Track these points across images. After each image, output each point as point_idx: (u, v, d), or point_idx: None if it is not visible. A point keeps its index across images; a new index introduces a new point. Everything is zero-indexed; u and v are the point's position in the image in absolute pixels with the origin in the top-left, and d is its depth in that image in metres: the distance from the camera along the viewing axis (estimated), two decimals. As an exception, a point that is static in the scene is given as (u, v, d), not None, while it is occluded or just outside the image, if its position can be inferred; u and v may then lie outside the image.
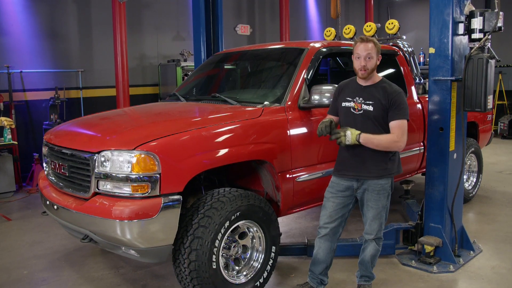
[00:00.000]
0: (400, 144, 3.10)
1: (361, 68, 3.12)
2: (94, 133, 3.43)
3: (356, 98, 3.20)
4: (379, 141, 3.08)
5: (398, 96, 3.11)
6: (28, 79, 7.50)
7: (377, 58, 3.16)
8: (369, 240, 3.30)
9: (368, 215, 3.25)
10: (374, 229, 3.25)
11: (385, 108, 3.11)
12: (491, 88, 3.75)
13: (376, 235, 3.26)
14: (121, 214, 2.87)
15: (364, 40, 3.14)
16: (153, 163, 2.88)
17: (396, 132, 3.09)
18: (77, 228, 3.24)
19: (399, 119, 3.09)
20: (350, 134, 3.05)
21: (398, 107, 3.09)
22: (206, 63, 5.02)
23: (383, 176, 3.18)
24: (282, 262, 4.08)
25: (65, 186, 3.37)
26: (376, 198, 3.19)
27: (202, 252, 3.03)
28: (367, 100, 3.15)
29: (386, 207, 3.25)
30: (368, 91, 3.18)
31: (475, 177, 5.93)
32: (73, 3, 7.97)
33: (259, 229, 3.40)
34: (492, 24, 3.67)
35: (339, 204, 3.27)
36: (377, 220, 3.23)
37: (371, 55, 3.10)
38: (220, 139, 3.20)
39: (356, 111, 3.19)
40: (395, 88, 3.17)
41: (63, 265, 4.20)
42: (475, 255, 4.15)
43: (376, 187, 3.18)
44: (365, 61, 3.10)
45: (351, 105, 3.22)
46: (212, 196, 3.19)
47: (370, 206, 3.22)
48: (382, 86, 3.17)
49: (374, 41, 3.14)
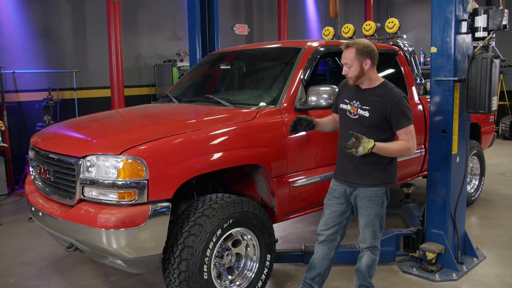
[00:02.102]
0: (412, 150, 2.97)
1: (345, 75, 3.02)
2: (80, 136, 3.29)
3: (353, 102, 3.04)
4: (393, 151, 2.94)
5: (399, 103, 2.92)
6: (21, 79, 7.35)
7: (360, 64, 2.94)
8: (363, 249, 3.15)
9: (360, 222, 3.11)
10: (367, 237, 3.09)
11: (383, 116, 2.93)
12: (495, 89, 3.61)
13: (370, 244, 3.10)
14: (106, 222, 2.72)
15: (345, 47, 2.99)
16: (141, 168, 2.74)
17: (405, 138, 2.94)
18: (62, 236, 3.10)
19: (405, 126, 2.93)
20: (362, 149, 2.84)
21: (401, 115, 2.91)
22: (200, 63, 4.88)
23: (374, 184, 3.02)
24: (278, 269, 3.94)
25: (51, 192, 3.23)
26: (367, 205, 3.03)
27: (193, 262, 2.88)
28: (364, 105, 2.98)
29: (380, 215, 3.07)
30: (365, 95, 3.01)
31: (477, 180, 5.80)
32: (67, 2, 7.83)
33: (253, 236, 3.26)
34: (496, 22, 3.53)
35: (335, 211, 3.14)
36: (369, 227, 3.07)
37: (349, 64, 2.96)
38: (211, 143, 3.06)
39: (352, 115, 3.04)
40: (394, 94, 2.96)
41: (51, 272, 4.05)
42: (478, 262, 4.00)
43: (368, 193, 3.02)
44: (346, 70, 2.99)
45: (348, 108, 3.07)
46: (204, 203, 3.05)
47: (361, 213, 3.08)
48: (382, 91, 2.98)
49: (356, 46, 2.94)
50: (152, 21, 8.96)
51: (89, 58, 8.12)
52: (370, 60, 2.96)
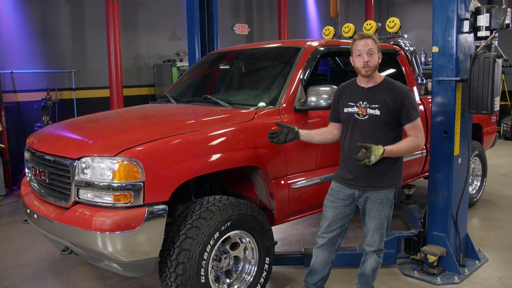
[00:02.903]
0: (422, 144, 2.96)
1: (363, 65, 2.89)
2: (75, 137, 3.23)
3: (360, 102, 2.97)
4: (404, 150, 2.90)
5: (407, 96, 2.90)
6: (19, 80, 7.30)
7: (379, 56, 2.95)
8: (369, 252, 3.09)
9: (370, 225, 3.04)
10: (376, 240, 3.04)
11: (393, 111, 2.89)
12: (498, 89, 3.56)
13: (377, 247, 3.05)
14: (101, 225, 2.67)
15: (364, 37, 2.92)
16: (136, 170, 2.68)
17: (413, 133, 2.91)
18: (57, 239, 3.04)
19: (413, 120, 2.90)
20: (374, 157, 2.78)
21: (409, 107, 2.88)
22: (199, 63, 4.82)
23: (386, 186, 2.97)
24: (277, 272, 3.88)
25: (46, 194, 3.18)
26: (379, 207, 2.98)
27: (190, 265, 2.83)
28: (372, 104, 2.92)
29: (388, 217, 3.04)
30: (371, 93, 2.95)
31: (479, 181, 5.75)
32: (65, 1, 7.77)
33: (252, 239, 3.21)
34: (499, 21, 3.47)
35: (339, 213, 3.06)
36: (378, 231, 3.02)
37: (373, 51, 2.89)
38: (209, 144, 3.00)
39: (361, 116, 2.95)
40: (401, 87, 2.95)
41: (47, 275, 4.00)
42: (480, 265, 3.94)
43: (379, 196, 2.97)
44: (368, 57, 2.88)
45: (355, 111, 2.98)
46: (201, 205, 2.99)
47: (372, 216, 3.01)
48: (387, 86, 2.95)
49: (373, 37, 2.93)
50: (152, 20, 8.90)
51: (88, 58, 8.07)
52: (381, 55, 2.97)
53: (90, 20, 8.03)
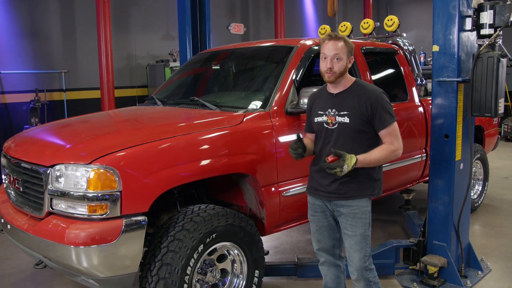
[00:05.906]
0: (399, 151, 2.64)
1: (326, 70, 2.60)
2: (50, 142, 3.04)
3: (329, 110, 2.68)
4: (377, 159, 2.60)
5: (379, 99, 2.61)
6: (8, 80, 7.12)
7: (348, 60, 2.64)
8: (354, 281, 2.78)
9: (346, 245, 2.74)
10: (356, 264, 2.70)
11: (364, 117, 2.61)
12: (502, 90, 3.35)
13: (359, 273, 2.71)
14: (75, 238, 2.47)
15: (333, 38, 2.61)
16: (113, 179, 2.48)
17: (388, 140, 2.62)
18: (30, 252, 2.84)
19: (387, 125, 2.60)
20: (347, 167, 2.49)
21: (382, 112, 2.59)
22: (188, 63, 4.62)
23: (358, 196, 2.66)
24: (269, 283, 3.68)
25: (21, 203, 2.98)
26: (352, 223, 2.67)
27: (172, 281, 2.63)
28: (341, 111, 2.64)
29: (365, 235, 2.69)
30: (340, 99, 2.67)
31: (481, 185, 5.54)
32: (55, 0, 7.58)
33: (240, 251, 3.00)
34: (504, 19, 3.27)
35: (322, 226, 2.82)
36: (357, 252, 2.68)
37: (340, 56, 2.59)
38: (193, 150, 2.80)
39: (330, 125, 2.67)
40: (372, 89, 2.67)
41: (28, 286, 3.80)
42: (483, 276, 3.74)
43: (352, 210, 2.66)
44: (332, 63, 2.58)
45: (324, 120, 2.70)
46: (185, 215, 2.79)
47: (346, 234, 2.71)
48: (357, 90, 2.66)
49: (345, 39, 2.62)
50: (145, 20, 8.72)
51: (78, 58, 7.89)
52: (353, 59, 2.70)
53: (81, 19, 7.86)
